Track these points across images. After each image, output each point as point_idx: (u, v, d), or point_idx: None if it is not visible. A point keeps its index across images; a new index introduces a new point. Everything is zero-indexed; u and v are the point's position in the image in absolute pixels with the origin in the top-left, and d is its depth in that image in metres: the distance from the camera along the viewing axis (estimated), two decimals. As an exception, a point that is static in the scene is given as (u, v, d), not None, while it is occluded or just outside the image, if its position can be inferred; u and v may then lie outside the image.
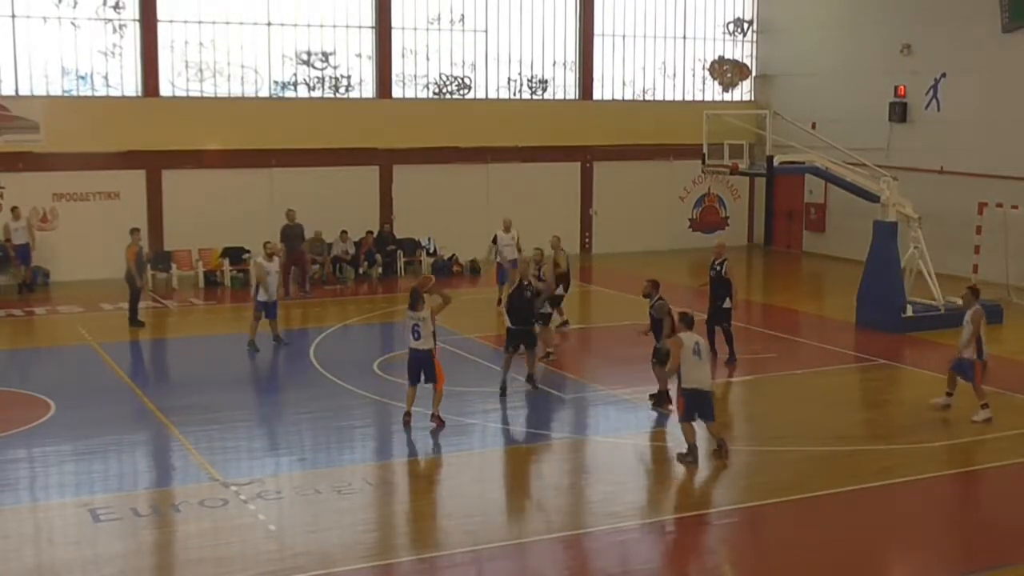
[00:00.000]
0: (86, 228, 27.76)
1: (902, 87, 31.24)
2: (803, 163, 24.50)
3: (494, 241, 25.03)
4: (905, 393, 19.24)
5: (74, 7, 28.05)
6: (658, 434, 16.74)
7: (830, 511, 13.54)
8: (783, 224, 35.65)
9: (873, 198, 23.43)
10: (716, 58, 35.93)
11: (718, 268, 20.27)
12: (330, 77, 30.93)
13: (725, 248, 20.93)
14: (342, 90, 31.13)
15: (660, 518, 13.22)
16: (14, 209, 26.88)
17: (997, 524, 13.33)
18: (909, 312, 23.00)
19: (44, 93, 27.93)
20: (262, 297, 21.01)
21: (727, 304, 20.10)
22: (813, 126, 29.17)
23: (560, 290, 21.96)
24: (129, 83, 28.84)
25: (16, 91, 27.63)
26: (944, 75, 30.16)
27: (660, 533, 12.77)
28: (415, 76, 31.96)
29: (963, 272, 26.17)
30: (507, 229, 24.80)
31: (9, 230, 26.88)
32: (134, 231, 23.58)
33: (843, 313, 24.19)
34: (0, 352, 21.20)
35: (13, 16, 27.41)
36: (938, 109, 30.41)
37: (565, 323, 22.54)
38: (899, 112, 31.23)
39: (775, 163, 23.69)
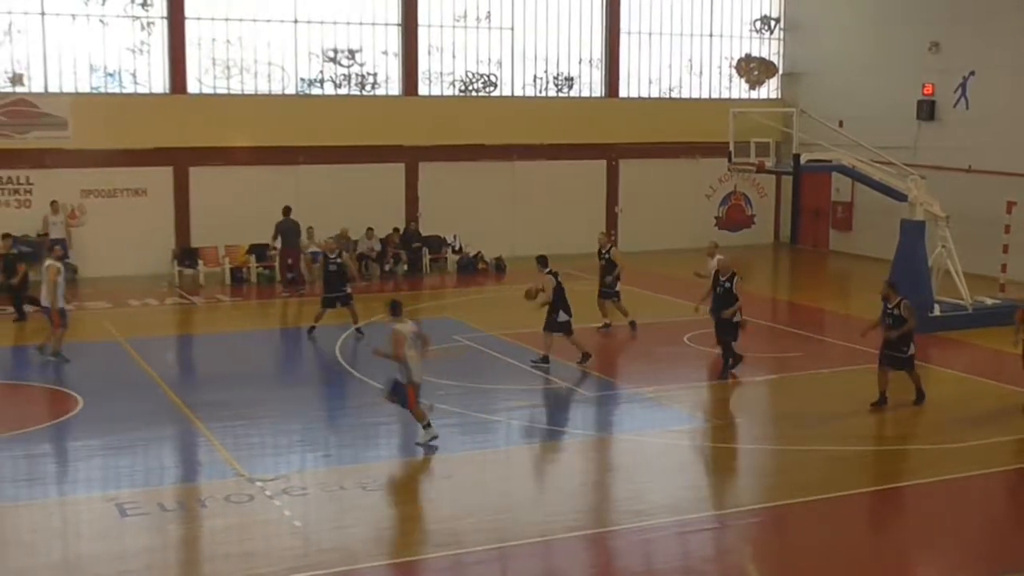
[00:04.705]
0: (114, 224, 27.93)
1: (930, 85, 31.03)
2: (830, 161, 24.38)
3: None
4: (932, 393, 19.09)
5: (102, 5, 28.22)
6: (683, 432, 16.72)
7: (855, 511, 13.48)
8: (810, 222, 35.49)
9: (900, 197, 23.29)
10: (743, 56, 35.79)
11: (727, 285, 18.99)
12: (356, 74, 31.00)
13: (729, 263, 19.59)
14: (368, 87, 31.20)
15: (685, 517, 13.18)
16: (53, 203, 27.10)
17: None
18: (937, 311, 22.85)
19: (73, 90, 28.11)
20: (45, 302, 19.75)
21: (737, 318, 18.93)
22: (840, 124, 28.98)
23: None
24: (157, 80, 28.99)
25: (45, 88, 27.83)
26: (973, 73, 29.96)
27: (685, 532, 12.74)
28: (441, 73, 31.99)
29: (991, 272, 25.99)
30: (711, 255, 21.64)
31: (47, 223, 27.10)
32: (4, 236, 23.70)
33: (870, 312, 23.85)
34: (29, 347, 21.32)
35: (43, 14, 27.61)
36: (966, 107, 30.20)
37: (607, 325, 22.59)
38: (927, 110, 31.02)
39: (802, 161, 23.59)
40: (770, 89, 36.15)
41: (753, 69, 35.85)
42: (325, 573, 11.36)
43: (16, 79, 27.63)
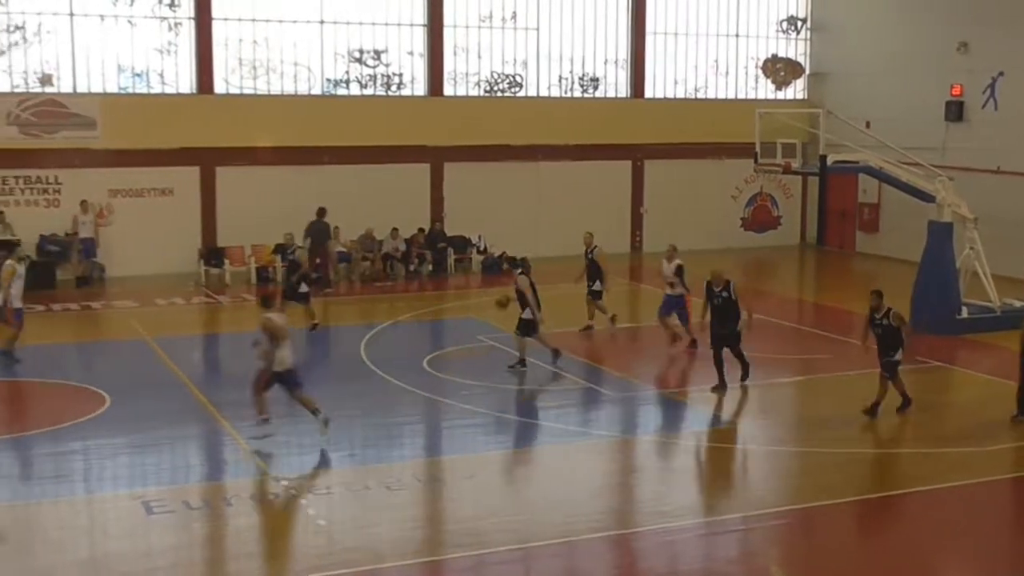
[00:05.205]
0: (141, 224, 28.09)
1: (958, 86, 30.84)
2: (857, 162, 24.25)
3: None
4: (959, 396, 19.02)
5: (131, 5, 28.39)
6: (707, 433, 16.70)
7: (880, 514, 13.42)
8: (836, 224, 35.33)
9: (928, 198, 23.16)
10: (769, 56, 35.68)
11: (724, 295, 17.96)
12: (382, 75, 31.08)
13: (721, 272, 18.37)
14: (394, 88, 31.27)
15: (708, 518, 13.16)
16: (83, 203, 27.32)
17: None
18: (964, 314, 22.71)
19: (101, 90, 28.30)
20: (17, 304, 19.40)
21: (739, 326, 18.09)
22: (867, 125, 28.85)
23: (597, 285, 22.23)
24: (184, 80, 29.15)
25: (74, 88, 28.03)
26: (1002, 74, 29.74)
27: (709, 533, 12.72)
28: (467, 74, 32.02)
29: (1020, 274, 25.83)
30: (669, 259, 21.32)
31: (77, 223, 27.32)
32: None
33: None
34: (57, 345, 21.49)
35: (71, 15, 27.81)
36: (995, 108, 29.98)
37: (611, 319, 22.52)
38: (955, 111, 30.82)
39: (829, 162, 23.49)
40: (796, 90, 36.02)
41: (779, 70, 35.73)
42: (349, 572, 11.40)
43: (45, 79, 27.85)
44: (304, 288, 22.12)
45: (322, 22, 30.16)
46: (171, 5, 28.77)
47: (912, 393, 17.61)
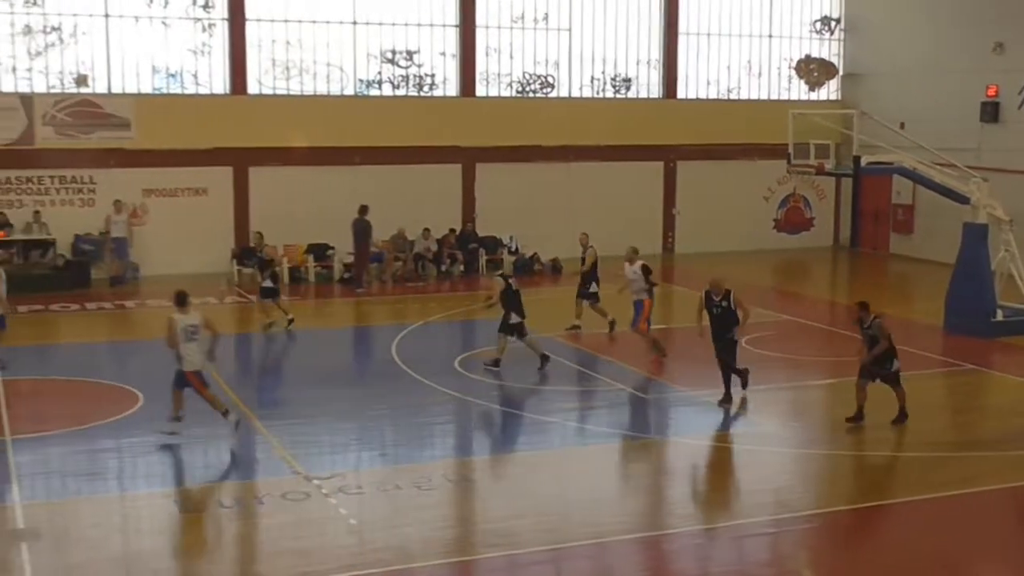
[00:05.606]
0: (175, 224, 28.29)
1: (994, 86, 30.59)
2: (891, 163, 24.12)
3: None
4: (993, 399, 18.86)
5: (165, 7, 28.60)
6: (738, 436, 16.63)
7: (912, 518, 13.31)
8: (869, 225, 35.10)
9: (963, 200, 22.99)
10: (803, 57, 35.51)
11: (724, 304, 17.38)
12: (414, 75, 31.15)
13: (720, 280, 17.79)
14: (426, 88, 31.34)
15: (739, 521, 13.10)
16: (116, 202, 27.52)
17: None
18: (999, 317, 22.52)
19: (135, 91, 28.52)
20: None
21: (734, 335, 17.58)
22: (901, 126, 28.66)
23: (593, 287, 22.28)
24: (217, 81, 29.33)
25: (109, 89, 28.26)
26: (1038, 74, 29.51)
27: (739, 536, 12.67)
28: (499, 74, 32.06)
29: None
30: (630, 261, 20.85)
31: (110, 222, 27.54)
32: None
33: (930, 317, 23.72)
34: (92, 344, 21.65)
35: (107, 16, 28.04)
36: (1032, 109, 29.74)
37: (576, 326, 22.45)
38: (990, 112, 30.57)
39: (862, 163, 23.35)
40: (830, 90, 35.82)
41: (813, 70, 35.55)
42: (380, 571, 11.43)
43: (81, 80, 28.10)
44: (269, 284, 22.65)
45: (355, 23, 30.27)
46: (205, 6, 28.96)
47: (946, 396, 17.51)
